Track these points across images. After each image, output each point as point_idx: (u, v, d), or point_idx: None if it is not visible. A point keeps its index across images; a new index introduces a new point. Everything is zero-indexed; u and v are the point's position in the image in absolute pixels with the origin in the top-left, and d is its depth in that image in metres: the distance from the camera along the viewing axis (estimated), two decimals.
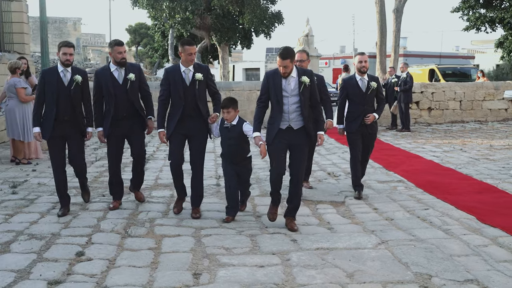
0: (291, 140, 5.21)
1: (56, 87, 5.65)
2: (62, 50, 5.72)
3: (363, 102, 6.60)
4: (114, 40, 5.92)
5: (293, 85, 5.17)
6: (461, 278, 3.98)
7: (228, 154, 5.62)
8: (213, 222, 5.55)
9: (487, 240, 4.90)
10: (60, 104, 5.65)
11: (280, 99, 5.16)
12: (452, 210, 5.97)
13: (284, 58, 5.06)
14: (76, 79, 5.71)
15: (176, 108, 5.56)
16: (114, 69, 5.82)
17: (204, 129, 5.68)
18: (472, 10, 21.02)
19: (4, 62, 13.24)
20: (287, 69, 5.10)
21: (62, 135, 5.75)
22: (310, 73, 5.28)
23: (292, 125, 5.20)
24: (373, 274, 4.07)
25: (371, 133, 6.79)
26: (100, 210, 5.97)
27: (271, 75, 5.28)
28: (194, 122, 5.59)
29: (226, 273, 4.10)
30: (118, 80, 5.80)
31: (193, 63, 5.55)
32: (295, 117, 5.19)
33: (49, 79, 5.69)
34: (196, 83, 5.50)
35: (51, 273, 4.05)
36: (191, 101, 5.52)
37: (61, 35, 58.77)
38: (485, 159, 9.67)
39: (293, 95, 5.17)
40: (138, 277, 3.99)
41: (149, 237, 5.03)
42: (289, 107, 5.16)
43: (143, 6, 20.36)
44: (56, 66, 5.78)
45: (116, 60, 5.79)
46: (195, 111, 5.57)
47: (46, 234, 5.04)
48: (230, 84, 16.49)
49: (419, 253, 4.52)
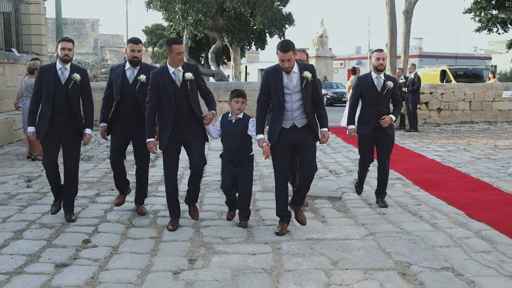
0: (296, 139, 5.02)
1: (53, 85, 5.37)
2: (60, 45, 5.45)
3: (378, 102, 6.17)
4: (131, 38, 5.75)
5: (296, 81, 4.94)
6: (438, 266, 4.24)
7: (228, 152, 5.36)
8: (213, 214, 5.87)
9: (470, 233, 5.14)
10: (56, 104, 5.38)
11: (281, 96, 4.94)
12: (443, 206, 6.21)
13: (285, 51, 4.78)
14: (74, 78, 5.43)
15: (167, 114, 5.15)
16: (127, 68, 5.61)
17: (202, 133, 5.32)
18: (484, 11, 21.05)
19: (23, 63, 13.76)
20: (290, 63, 4.84)
21: (58, 136, 5.48)
22: (311, 68, 5.05)
23: (296, 123, 5.01)
24: (356, 262, 4.35)
25: (389, 134, 6.28)
26: (108, 202, 6.33)
27: (271, 72, 5.04)
28: (189, 127, 5.22)
29: (219, 259, 4.41)
30: (129, 80, 5.59)
31: (182, 63, 5.19)
32: (299, 114, 4.99)
33: (46, 77, 5.41)
34: (188, 83, 5.14)
35: (59, 257, 4.41)
36: (183, 104, 5.14)
37: (79, 36, 59.72)
38: (487, 158, 9.85)
39: (296, 92, 4.95)
40: (138, 262, 4.33)
41: (152, 227, 5.36)
42: (292, 105, 4.95)
43: (156, 8, 20.87)
44: (55, 63, 5.51)
45: (128, 58, 5.60)
46: (189, 114, 5.19)
47: (56, 223, 5.40)
48: (241, 84, 16.82)
49: (403, 244, 4.79)
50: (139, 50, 5.60)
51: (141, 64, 5.64)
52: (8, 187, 7.14)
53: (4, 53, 13.54)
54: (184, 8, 19.82)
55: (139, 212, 5.84)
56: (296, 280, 3.96)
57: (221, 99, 15.17)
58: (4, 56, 13.28)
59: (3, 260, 4.34)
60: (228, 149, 5.38)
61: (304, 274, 4.08)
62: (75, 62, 29.93)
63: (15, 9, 14.83)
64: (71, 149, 5.55)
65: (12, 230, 5.19)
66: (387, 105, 6.31)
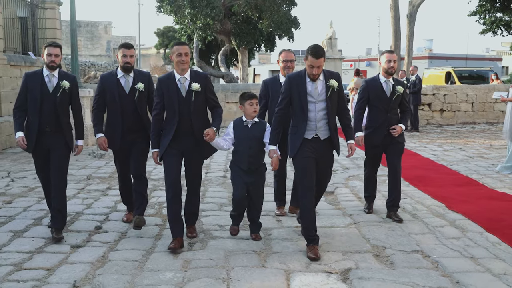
0: (318, 152, 4.70)
1: (40, 94, 5.00)
2: (46, 50, 5.04)
3: (387, 109, 5.67)
4: (122, 43, 5.43)
5: (320, 89, 4.63)
6: (409, 249, 4.75)
7: (245, 159, 4.88)
8: (214, 206, 6.42)
9: (446, 222, 5.64)
10: (43, 113, 5.01)
11: (305, 105, 4.61)
12: (427, 199, 6.70)
13: (318, 57, 4.47)
14: (63, 85, 5.04)
15: (170, 124, 4.80)
16: (121, 76, 5.30)
17: (201, 151, 4.94)
18: (488, 13, 21.42)
19: (39, 66, 14.43)
20: (319, 70, 4.55)
21: (46, 147, 5.11)
22: (337, 76, 4.73)
23: (320, 134, 4.69)
24: (338, 246, 4.88)
25: (400, 141, 5.79)
26: (117, 195, 6.85)
27: (294, 78, 4.71)
28: (189, 141, 4.85)
29: (215, 243, 4.96)
30: (125, 89, 5.27)
31: (187, 69, 4.81)
32: (323, 125, 4.67)
33: (32, 85, 5.03)
34: (192, 94, 4.75)
35: (74, 240, 5.00)
36: (187, 117, 4.77)
37: (92, 38, 60.76)
38: (480, 157, 10.28)
39: (320, 101, 4.64)
40: (143, 244, 4.90)
41: (157, 216, 5.93)
42: (316, 114, 4.63)
43: (166, 12, 21.59)
44: (41, 70, 5.12)
45: (120, 64, 5.28)
46: (190, 127, 4.80)
47: (71, 212, 5.99)
48: (248, 86, 17.35)
49: (382, 231, 5.31)
50: (132, 55, 5.29)
51: (134, 71, 5.33)
52: (27, 181, 7.77)
53: (22, 57, 14.20)
54: (193, 12, 20.51)
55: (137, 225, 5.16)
56: (282, 260, 4.49)
57: (228, 100, 15.70)
58: (21, 59, 13.94)
59: (26, 241, 4.94)
60: (246, 155, 4.88)
61: (289, 255, 4.62)
62: (89, 64, 30.72)
63: (32, 14, 15.51)
64: (59, 163, 5.10)
65: (32, 217, 5.79)
66: (397, 111, 5.82)
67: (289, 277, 4.12)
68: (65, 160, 5.17)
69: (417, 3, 18.16)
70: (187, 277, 4.09)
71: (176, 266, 4.33)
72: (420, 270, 4.25)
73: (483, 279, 4.05)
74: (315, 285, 3.95)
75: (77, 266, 4.32)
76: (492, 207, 6.25)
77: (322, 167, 4.78)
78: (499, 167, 8.81)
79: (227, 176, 8.21)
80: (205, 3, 20.46)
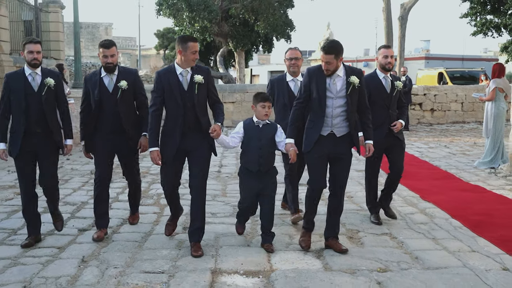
0: (332, 149, 4.63)
1: (24, 94, 4.77)
2: (27, 48, 4.80)
3: (389, 106, 5.57)
4: (101, 42, 5.04)
5: (340, 86, 4.56)
6: (380, 232, 5.34)
7: (254, 158, 4.74)
8: (208, 197, 6.95)
9: (417, 210, 6.22)
10: (30, 114, 4.79)
11: (323, 100, 4.56)
12: (403, 191, 7.28)
13: (327, 53, 4.45)
14: (47, 83, 4.85)
15: (173, 120, 4.62)
16: (104, 75, 5.04)
17: (207, 145, 4.73)
18: (479, 16, 21.99)
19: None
20: (329, 66, 4.48)
21: (33, 150, 4.89)
22: (359, 73, 4.64)
23: (335, 131, 4.62)
24: (316, 230, 5.41)
25: (401, 139, 5.68)
26: (120, 187, 7.48)
27: (314, 71, 4.64)
28: (194, 136, 4.68)
29: (207, 227, 5.47)
30: (108, 88, 5.02)
31: (194, 64, 4.67)
32: (339, 122, 4.61)
33: (15, 86, 4.80)
34: (195, 86, 4.58)
35: (81, 225, 5.59)
36: (191, 110, 4.60)
37: (93, 39, 61.34)
38: (462, 154, 10.87)
39: (339, 97, 4.57)
40: (142, 228, 5.49)
41: (155, 205, 6.52)
42: (333, 111, 4.57)
43: (166, 15, 22.23)
44: (23, 69, 4.86)
45: (102, 65, 5.02)
46: (195, 122, 4.65)
47: (77, 202, 6.58)
48: (245, 86, 17.93)
49: (357, 218, 5.90)
50: (112, 54, 4.97)
51: (118, 69, 5.08)
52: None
53: None
54: (191, 15, 21.19)
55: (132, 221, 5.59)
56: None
57: (226, 101, 16.25)
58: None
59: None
60: (256, 155, 4.75)
61: None
62: (90, 65, 31.17)
63: (36, 17, 16.14)
64: (48, 166, 5.03)
65: (42, 206, 6.35)
66: (395, 108, 5.73)
67: (270, 254, 4.70)
68: (55, 161, 5.14)
69: (409, 6, 18.74)
70: (181, 254, 4.68)
71: (171, 245, 4.93)
72: (386, 248, 4.83)
73: (438, 255, 4.64)
74: (292, 260, 4.54)
75: (85, 245, 4.91)
76: (462, 197, 6.84)
77: (336, 165, 4.70)
78: (476, 163, 9.39)
79: (221, 171, 8.79)
80: (203, 6, 21.17)
